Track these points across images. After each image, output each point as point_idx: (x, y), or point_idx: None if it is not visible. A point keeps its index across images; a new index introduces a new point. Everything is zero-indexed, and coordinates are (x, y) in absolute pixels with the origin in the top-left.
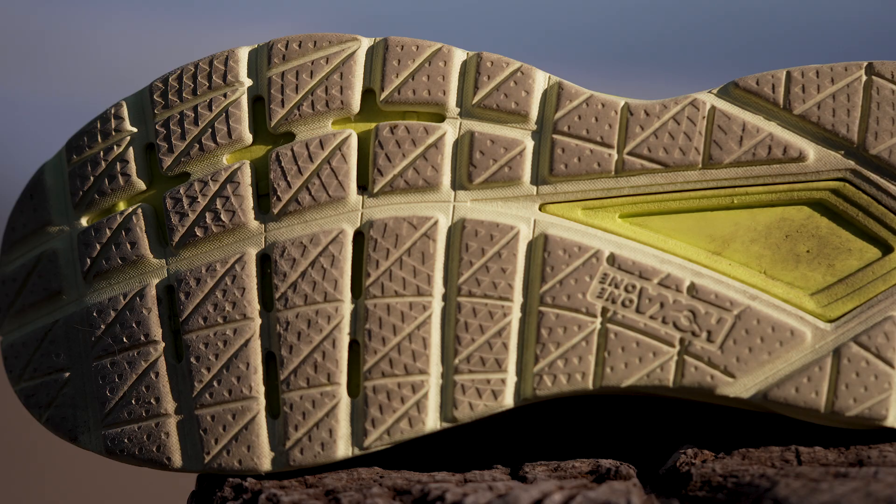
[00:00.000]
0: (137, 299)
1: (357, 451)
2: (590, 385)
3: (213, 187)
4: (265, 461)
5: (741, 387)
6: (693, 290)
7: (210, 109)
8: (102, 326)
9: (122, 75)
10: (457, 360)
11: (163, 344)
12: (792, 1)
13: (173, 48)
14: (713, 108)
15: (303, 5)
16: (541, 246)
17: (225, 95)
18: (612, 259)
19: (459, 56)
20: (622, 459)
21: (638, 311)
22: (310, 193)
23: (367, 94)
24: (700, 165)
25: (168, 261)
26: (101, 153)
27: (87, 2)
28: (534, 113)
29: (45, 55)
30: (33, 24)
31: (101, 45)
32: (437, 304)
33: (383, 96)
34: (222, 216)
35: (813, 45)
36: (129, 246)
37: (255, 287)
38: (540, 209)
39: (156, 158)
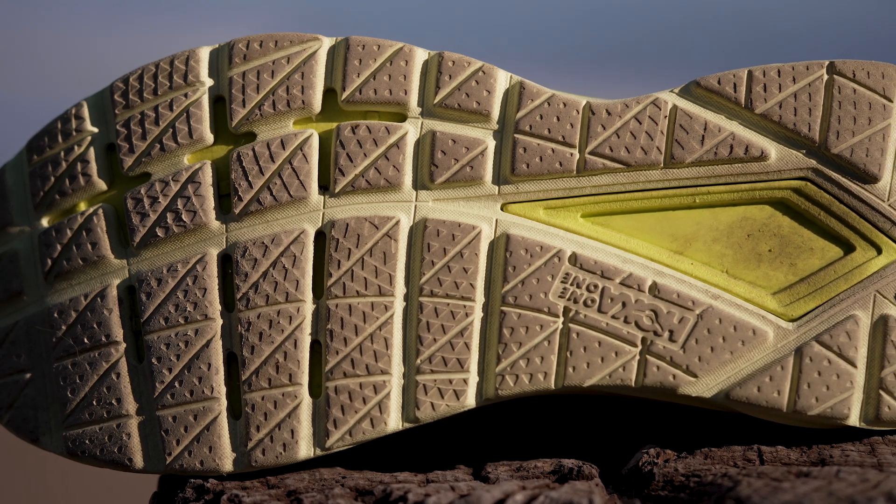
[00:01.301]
0: (98, 300)
1: (319, 452)
2: (552, 385)
3: (175, 187)
4: (227, 462)
5: (703, 386)
6: (655, 289)
7: (171, 109)
8: (63, 327)
9: (83, 75)
10: (419, 361)
11: (124, 345)
12: (753, 1)
13: (134, 48)
14: (675, 107)
15: (264, 4)
16: (502, 245)
17: (186, 95)
18: (573, 258)
19: (421, 55)
20: (585, 459)
21: (600, 310)
22: (271, 193)
23: (329, 93)
24: (662, 165)
25: (129, 261)
26: (62, 153)
27: (46, 2)
28: (495, 112)
29: (4, 56)
30: None
31: (62, 45)
32: (398, 305)
33: (345, 96)
34: (183, 216)
35: (775, 44)
36: (89, 246)
37: (217, 287)
38: (502, 209)
39: (117, 158)
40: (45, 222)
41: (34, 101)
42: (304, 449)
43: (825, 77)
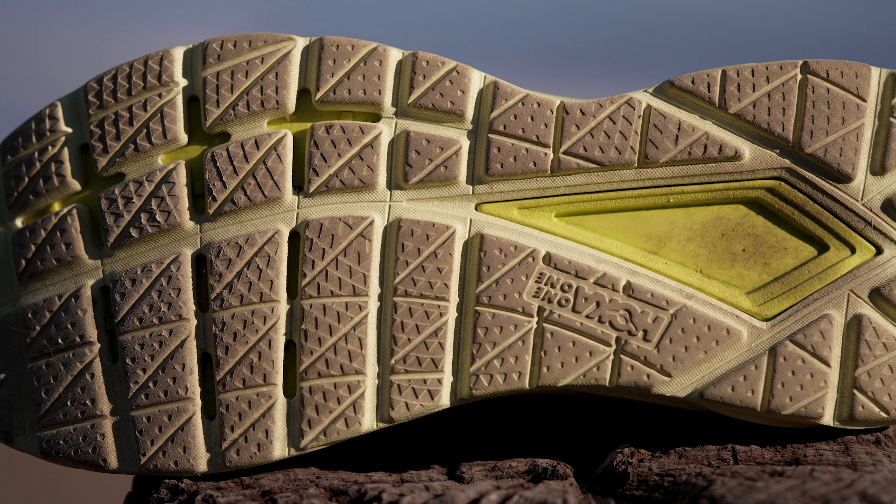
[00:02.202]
0: (72, 300)
1: (293, 452)
2: (526, 384)
3: (149, 188)
4: (201, 462)
5: (677, 385)
6: (629, 289)
7: (145, 110)
8: (37, 328)
9: (57, 76)
10: (393, 361)
11: (98, 345)
12: (727, 2)
13: (108, 48)
14: (649, 106)
15: (238, 4)
16: (477, 245)
17: (160, 96)
18: (548, 258)
19: (395, 55)
20: (559, 459)
21: (574, 310)
22: (245, 194)
23: (303, 93)
24: (636, 164)
25: (103, 262)
26: (36, 154)
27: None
28: (469, 112)
29: None
30: None
31: (36, 46)
32: (373, 305)
33: (319, 96)
34: (157, 217)
35: (749, 44)
36: (63, 247)
37: (191, 288)
38: (476, 209)
39: (91, 159)
40: (18, 223)
41: (6, 102)
42: (279, 449)
43: (799, 77)
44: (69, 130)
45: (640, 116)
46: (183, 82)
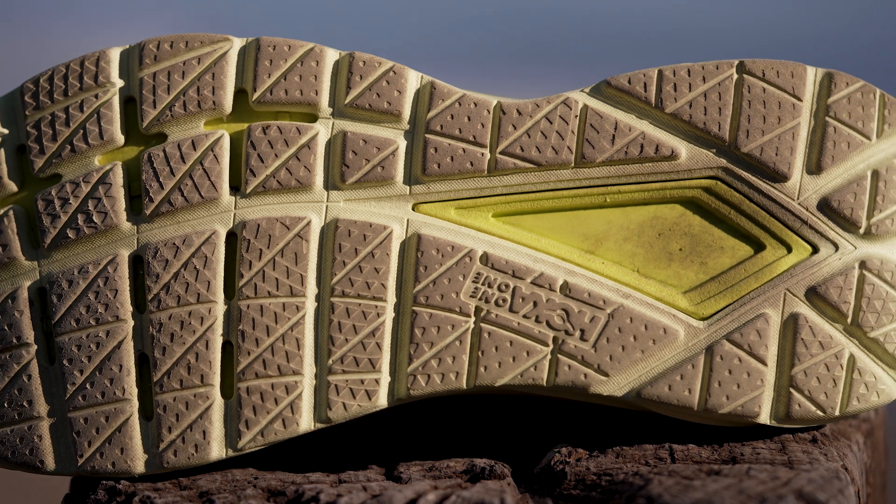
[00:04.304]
0: (9, 301)
1: (231, 453)
2: (464, 384)
3: (85, 189)
4: (139, 463)
5: (615, 385)
6: (566, 288)
7: (81, 110)
8: None
9: None
10: (330, 361)
11: (35, 346)
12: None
13: (43, 49)
14: (585, 106)
15: (172, 4)
16: (414, 245)
17: (96, 96)
18: (485, 258)
19: (332, 56)
20: (497, 459)
21: (511, 310)
22: (182, 194)
23: (240, 94)
24: (573, 164)
25: (40, 263)
26: None
27: None
28: (406, 112)
29: None
30: None
31: None
32: (310, 305)
33: (255, 96)
34: (94, 218)
35: (685, 44)
36: (0, 248)
37: (128, 289)
38: (413, 209)
39: (27, 160)
40: None
41: None
42: (217, 450)
43: (735, 76)
44: (5, 132)
45: (576, 116)
46: (119, 83)
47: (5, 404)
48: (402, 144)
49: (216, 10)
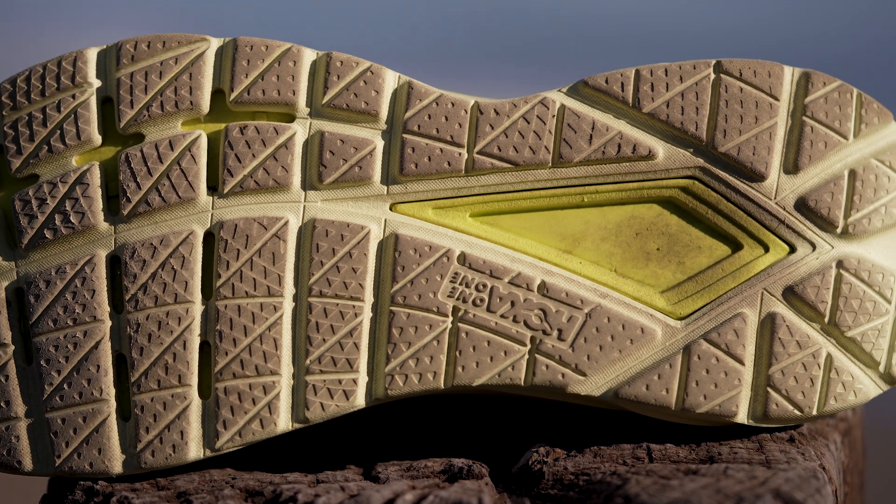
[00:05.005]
0: None
1: (209, 453)
2: (442, 384)
3: (63, 189)
4: (116, 464)
5: (592, 385)
6: (544, 288)
7: (59, 111)
8: None
9: None
10: (308, 361)
11: (12, 347)
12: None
13: (20, 50)
14: (563, 106)
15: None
16: (391, 245)
17: (73, 96)
18: (462, 258)
19: (309, 56)
20: (475, 458)
21: (489, 309)
22: (159, 194)
23: (217, 94)
24: (550, 164)
25: (17, 263)
26: None
27: None
28: (384, 112)
29: None
30: None
31: None
32: (287, 305)
33: (233, 97)
34: (72, 218)
35: (663, 44)
36: None
37: (105, 289)
38: (391, 209)
39: (4, 160)
40: None
41: None
42: (194, 450)
43: (712, 76)
44: None
45: (554, 116)
46: (97, 83)
47: None
48: (380, 144)
49: (193, 10)
